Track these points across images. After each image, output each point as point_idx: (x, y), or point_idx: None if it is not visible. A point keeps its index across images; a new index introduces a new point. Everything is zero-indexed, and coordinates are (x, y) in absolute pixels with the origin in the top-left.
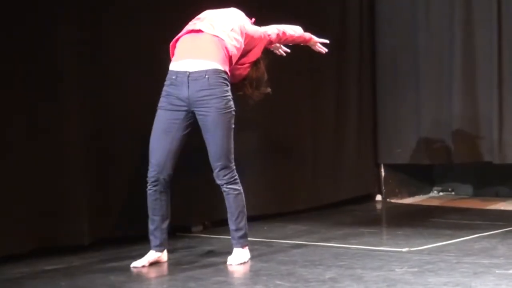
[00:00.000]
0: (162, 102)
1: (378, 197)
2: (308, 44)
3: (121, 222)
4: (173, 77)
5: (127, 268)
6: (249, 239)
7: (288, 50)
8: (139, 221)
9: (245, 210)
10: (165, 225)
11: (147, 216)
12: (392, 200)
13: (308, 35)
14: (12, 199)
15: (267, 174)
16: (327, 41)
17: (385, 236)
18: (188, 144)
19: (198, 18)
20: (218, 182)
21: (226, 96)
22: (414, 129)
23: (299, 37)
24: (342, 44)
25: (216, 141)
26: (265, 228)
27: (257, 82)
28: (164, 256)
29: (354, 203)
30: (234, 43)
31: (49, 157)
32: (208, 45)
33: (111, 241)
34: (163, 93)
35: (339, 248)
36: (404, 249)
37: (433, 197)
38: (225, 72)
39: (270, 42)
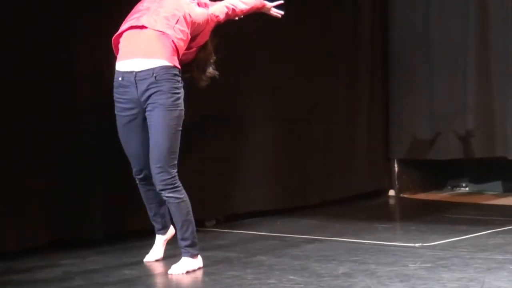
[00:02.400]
0: (117, 107)
1: (391, 192)
2: (262, 11)
3: (135, 216)
4: (120, 78)
5: (141, 262)
6: (261, 233)
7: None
8: None
9: (191, 218)
10: (163, 209)
11: None
12: (405, 195)
13: (260, 2)
14: (26, 193)
15: (280, 168)
16: (281, 2)
17: (399, 232)
18: (200, 140)
19: (140, 10)
20: (157, 187)
21: (176, 93)
22: (427, 124)
23: (251, 8)
24: (354, 38)
25: (157, 140)
26: (278, 222)
27: (204, 64)
28: (169, 233)
29: (367, 198)
30: (181, 36)
31: (63, 151)
32: (153, 42)
33: (125, 234)
34: (115, 96)
35: (352, 243)
36: (417, 245)
37: (447, 193)
38: (175, 67)
39: (219, 22)
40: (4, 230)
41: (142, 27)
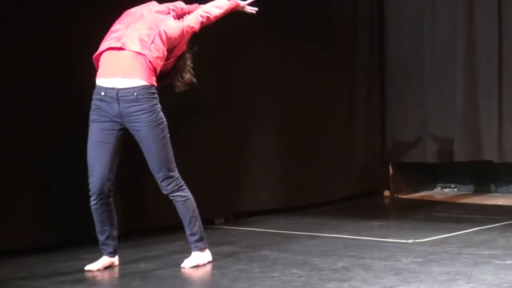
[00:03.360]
0: (94, 115)
1: (386, 193)
2: (237, 10)
3: (149, 213)
4: (102, 93)
5: (157, 256)
6: (266, 230)
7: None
8: (168, 211)
9: (197, 214)
10: (115, 232)
11: (171, 206)
12: (399, 196)
13: (234, 2)
14: (47, 191)
15: (284, 171)
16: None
17: (393, 229)
18: (211, 143)
19: (118, 30)
20: (164, 192)
21: (155, 109)
22: (420, 130)
23: (226, 11)
24: (353, 49)
25: (152, 153)
26: (282, 220)
27: (182, 72)
28: (116, 260)
29: (364, 198)
30: (157, 54)
31: (76, 149)
32: (131, 63)
33: (140, 231)
34: (93, 106)
35: (350, 240)
36: (409, 241)
37: (437, 193)
38: (152, 86)
39: (194, 33)
40: (20, 227)
41: (120, 48)
